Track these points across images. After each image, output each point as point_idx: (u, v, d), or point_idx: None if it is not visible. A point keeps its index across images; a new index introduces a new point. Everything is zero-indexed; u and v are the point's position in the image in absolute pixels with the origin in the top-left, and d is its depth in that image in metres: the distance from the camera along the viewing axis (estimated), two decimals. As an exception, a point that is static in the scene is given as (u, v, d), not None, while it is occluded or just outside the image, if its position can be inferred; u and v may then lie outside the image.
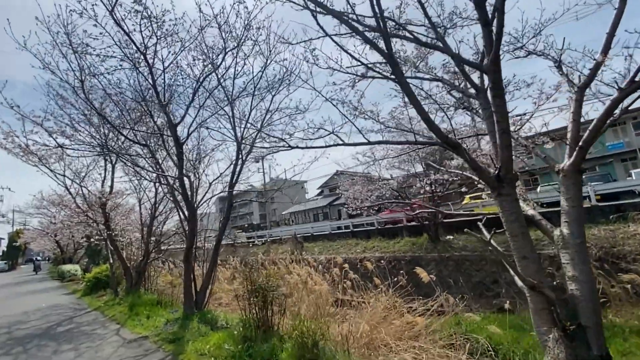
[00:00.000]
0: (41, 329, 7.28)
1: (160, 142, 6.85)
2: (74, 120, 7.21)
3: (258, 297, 4.99)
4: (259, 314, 5.06)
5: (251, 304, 5.11)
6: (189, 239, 6.52)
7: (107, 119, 5.90)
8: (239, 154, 7.64)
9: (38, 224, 27.47)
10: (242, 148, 7.67)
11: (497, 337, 6.40)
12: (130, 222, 12.08)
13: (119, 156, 6.47)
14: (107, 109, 6.80)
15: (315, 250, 22.22)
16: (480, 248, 14.97)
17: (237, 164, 7.60)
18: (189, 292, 6.63)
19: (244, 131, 7.52)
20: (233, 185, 7.49)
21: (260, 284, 4.95)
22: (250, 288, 5.07)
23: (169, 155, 6.92)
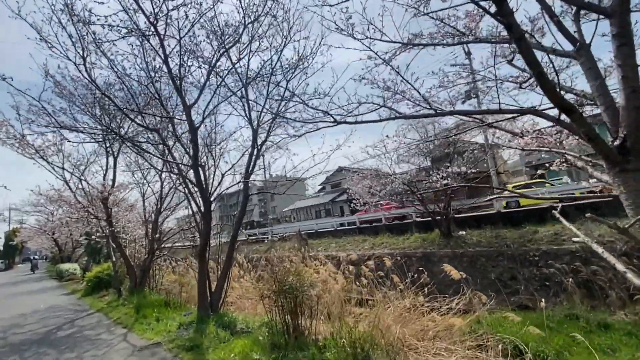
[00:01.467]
0: (39, 334, 6.64)
1: (170, 128, 6.19)
2: (75, 104, 6.53)
3: (288, 299, 4.38)
4: (288, 318, 4.46)
5: (280, 306, 4.50)
6: (203, 234, 5.88)
7: (112, 99, 5.24)
8: (255, 141, 7.01)
9: (35, 222, 26.77)
10: (258, 135, 7.03)
11: (525, 336, 5.94)
12: (133, 218, 11.42)
13: (124, 142, 5.81)
14: (112, 91, 6.12)
15: (321, 247, 21.64)
16: (496, 243, 14.46)
17: (253, 152, 6.96)
18: (203, 292, 6.01)
19: (261, 116, 6.88)
20: (249, 175, 6.86)
21: (291, 283, 4.34)
22: (279, 288, 4.45)
23: (178, 143, 6.27)
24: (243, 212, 6.74)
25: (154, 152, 6.37)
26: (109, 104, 5.37)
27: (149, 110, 5.99)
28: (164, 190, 9.65)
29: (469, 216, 17.72)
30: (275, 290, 4.55)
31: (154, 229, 9.85)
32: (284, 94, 6.49)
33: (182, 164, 5.86)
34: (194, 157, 5.46)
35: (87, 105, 6.13)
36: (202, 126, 6.10)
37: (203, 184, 5.79)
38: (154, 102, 6.40)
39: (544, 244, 12.99)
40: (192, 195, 6.32)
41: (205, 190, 5.74)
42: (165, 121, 6.23)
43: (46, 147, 9.36)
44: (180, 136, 6.29)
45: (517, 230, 14.51)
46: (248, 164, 6.97)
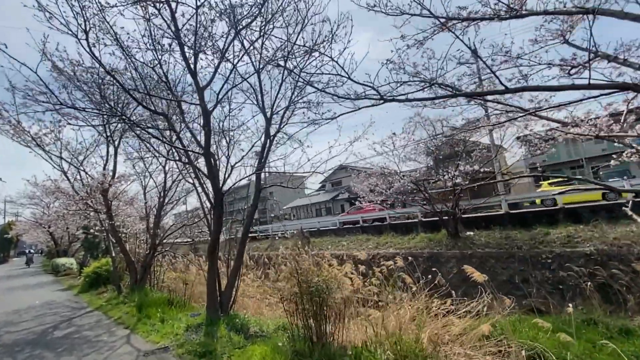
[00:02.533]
0: (35, 333, 6.16)
1: (178, 112, 5.70)
2: (75, 86, 6.01)
3: (313, 301, 3.93)
4: (311, 322, 4.01)
5: (303, 309, 4.05)
6: (214, 229, 5.42)
7: (117, 79, 4.74)
8: (268, 131, 6.53)
9: (31, 215, 26.15)
10: (271, 124, 6.56)
11: (542, 341, 5.57)
12: (133, 212, 10.92)
13: (130, 126, 5.30)
14: (116, 74, 5.60)
15: (324, 246, 21.22)
16: (506, 245, 14.11)
17: (266, 143, 6.48)
18: (213, 291, 5.55)
19: (275, 102, 6.40)
20: (262, 167, 6.39)
21: (317, 284, 3.88)
22: (304, 289, 4.00)
23: (187, 130, 5.78)
24: (255, 205, 6.27)
25: (162, 138, 5.83)
26: (113, 84, 4.87)
27: (159, 91, 5.48)
28: (167, 182, 9.16)
29: (477, 216, 17.36)
30: (298, 292, 4.10)
31: (156, 223, 9.37)
32: (298, 80, 6.00)
33: (193, 151, 5.37)
34: (207, 143, 4.98)
35: (88, 85, 5.61)
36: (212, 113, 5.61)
37: (215, 174, 5.32)
38: (161, 85, 5.92)
39: (557, 246, 12.63)
40: (203, 187, 5.85)
41: (217, 181, 5.27)
42: (173, 106, 5.75)
43: (43, 134, 8.84)
44: (188, 123, 5.82)
45: (527, 231, 14.17)
46: (261, 155, 6.50)
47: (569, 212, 14.50)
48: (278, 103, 6.54)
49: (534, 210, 16.28)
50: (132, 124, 4.89)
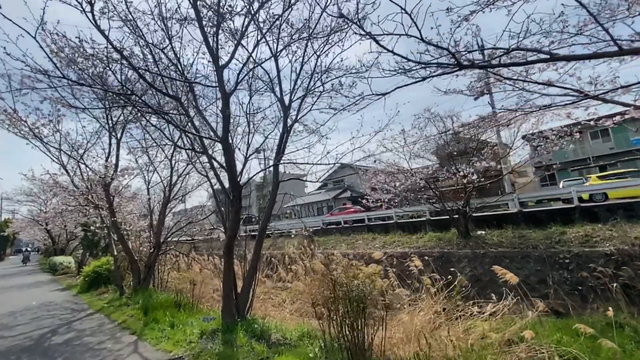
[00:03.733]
0: (31, 339, 5.62)
1: (190, 97, 5.15)
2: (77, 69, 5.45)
3: (352, 307, 3.43)
4: (348, 331, 3.51)
5: (340, 316, 3.54)
6: (231, 225, 4.89)
7: (126, 57, 4.20)
8: (286, 120, 6.02)
9: (27, 213, 25.53)
10: (290, 113, 6.05)
11: (567, 345, 5.13)
12: (135, 209, 10.38)
13: (137, 109, 4.73)
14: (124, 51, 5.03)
15: (328, 245, 20.73)
16: (520, 244, 13.67)
17: (284, 133, 5.97)
18: (229, 294, 5.03)
19: (295, 89, 5.88)
20: (280, 158, 5.87)
21: (357, 288, 3.38)
22: (340, 294, 3.49)
23: (199, 115, 5.22)
24: (273, 200, 5.76)
25: (176, 123, 5.23)
26: (119, 61, 4.33)
27: (170, 71, 4.94)
28: (173, 176, 8.62)
29: (488, 215, 16.91)
30: (332, 296, 3.59)
31: (161, 220, 8.84)
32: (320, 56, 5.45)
33: (211, 138, 4.85)
34: (225, 130, 4.46)
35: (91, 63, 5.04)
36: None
37: (233, 164, 4.79)
38: (171, 69, 5.38)
39: (575, 246, 12.18)
40: (219, 179, 5.32)
41: (235, 173, 4.75)
42: (185, 90, 5.21)
43: (41, 124, 8.29)
44: (202, 109, 5.28)
45: (541, 230, 13.74)
46: (279, 146, 5.98)
47: (585, 211, 14.06)
48: (297, 89, 6.03)
49: (548, 209, 15.83)
50: (142, 105, 4.32)
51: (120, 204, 9.45)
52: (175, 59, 5.18)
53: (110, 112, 8.56)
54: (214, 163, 5.18)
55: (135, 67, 4.28)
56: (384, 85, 22.62)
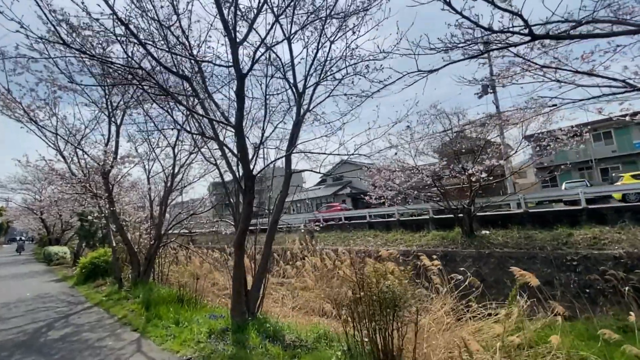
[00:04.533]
0: (26, 333, 5.27)
1: (199, 80, 4.74)
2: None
3: (383, 311, 3.11)
4: (377, 337, 3.20)
5: (368, 320, 3.23)
6: (243, 217, 4.53)
7: (132, 30, 3.79)
8: (299, 108, 5.65)
9: (22, 201, 24.98)
10: (303, 100, 5.68)
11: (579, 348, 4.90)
12: (135, 198, 9.99)
13: (142, 87, 4.28)
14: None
15: (329, 241, 20.48)
16: (526, 245, 13.51)
17: (298, 121, 5.61)
18: (239, 291, 4.69)
19: (308, 73, 5.50)
20: (292, 148, 5.52)
21: (389, 290, 3.06)
22: (368, 296, 3.17)
23: (208, 99, 4.82)
24: (286, 192, 5.41)
25: (187, 105, 4.79)
26: (126, 36, 3.91)
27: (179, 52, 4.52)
28: (176, 166, 8.23)
29: (493, 215, 16.74)
30: (360, 298, 3.28)
31: (163, 211, 8.46)
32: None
33: (224, 123, 4.45)
34: (239, 116, 4.08)
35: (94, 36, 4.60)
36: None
37: (246, 153, 4.43)
38: (178, 47, 4.97)
39: (583, 248, 12.01)
40: (231, 168, 4.95)
41: (248, 162, 4.39)
42: (193, 69, 4.80)
43: (37, 107, 7.85)
44: (211, 93, 4.89)
45: (548, 231, 13.59)
46: (291, 136, 5.62)
47: (592, 213, 13.91)
48: (311, 75, 5.65)
49: (555, 210, 15.66)
50: (150, 84, 3.92)
51: (119, 194, 9.05)
52: (183, 36, 4.79)
53: (110, 96, 8.14)
54: (226, 151, 4.81)
55: (142, 42, 3.87)
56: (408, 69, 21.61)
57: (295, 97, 5.74)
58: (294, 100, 5.84)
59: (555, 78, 4.92)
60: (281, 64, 5.82)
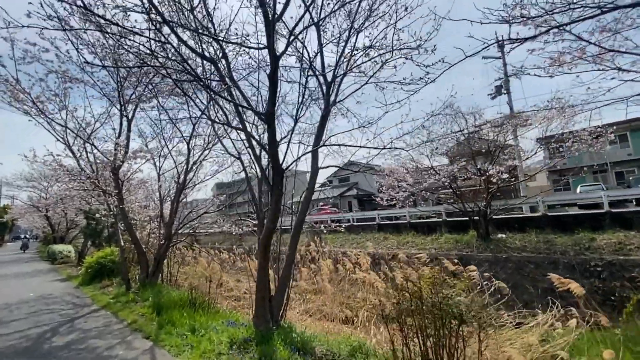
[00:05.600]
0: (29, 339, 4.86)
1: (224, 63, 4.30)
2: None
3: (443, 324, 2.65)
4: (432, 353, 2.74)
5: (424, 334, 2.77)
6: (270, 216, 4.08)
7: (155, 5, 3.39)
8: (328, 99, 5.22)
9: (27, 199, 24.78)
10: (332, 91, 5.25)
11: None
12: (145, 196, 9.60)
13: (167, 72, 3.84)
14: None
15: (337, 243, 20.01)
16: (546, 250, 12.99)
17: (326, 114, 5.18)
18: (263, 296, 4.25)
19: (339, 61, 5.07)
20: (320, 142, 5.08)
21: (451, 301, 2.60)
22: (427, 307, 2.71)
23: (233, 86, 4.38)
24: (312, 190, 4.98)
25: (215, 90, 4.32)
26: (148, 11, 3.50)
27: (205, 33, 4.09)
28: (190, 161, 7.83)
29: (509, 218, 16.23)
30: (414, 309, 2.82)
31: (174, 209, 8.05)
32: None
33: (254, 110, 4.01)
34: (271, 103, 3.63)
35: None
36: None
37: (277, 145, 3.99)
38: (200, 30, 4.56)
39: (607, 254, 11.49)
40: (259, 161, 4.50)
41: (277, 155, 3.96)
42: (218, 54, 4.38)
43: (46, 99, 7.49)
44: (236, 80, 4.47)
45: (568, 236, 13.07)
46: (319, 129, 5.19)
47: (615, 217, 13.36)
48: (341, 63, 5.21)
49: (576, 213, 15.11)
50: (175, 69, 3.50)
51: (129, 191, 8.66)
52: (207, 18, 4.39)
53: (122, 89, 7.77)
54: (253, 143, 4.36)
55: (167, 19, 3.47)
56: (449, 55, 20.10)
57: (323, 88, 5.32)
58: (321, 91, 5.43)
59: (616, 66, 4.47)
60: (307, 52, 5.40)
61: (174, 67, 3.72)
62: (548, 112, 13.25)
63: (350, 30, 5.06)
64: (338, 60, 5.01)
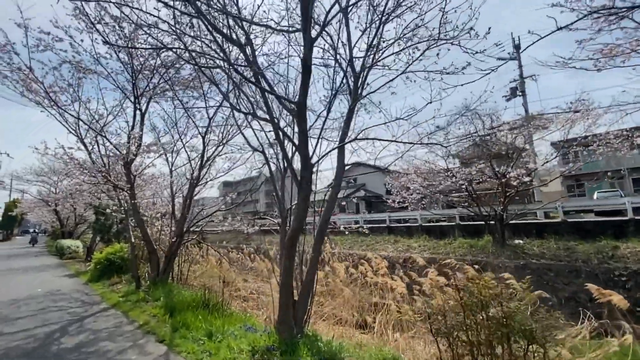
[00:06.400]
0: (36, 339, 4.59)
1: (249, 49, 3.98)
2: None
3: (508, 343, 2.28)
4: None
5: (478, 351, 2.40)
6: (299, 214, 3.75)
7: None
8: (356, 90, 4.87)
9: (37, 193, 24.86)
10: (360, 80, 4.90)
11: None
12: (157, 191, 9.35)
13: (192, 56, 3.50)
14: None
15: (346, 245, 19.63)
16: (567, 257, 12.49)
17: (354, 105, 4.83)
18: (287, 301, 3.91)
19: (369, 49, 4.72)
20: (345, 138, 4.74)
21: (512, 313, 2.23)
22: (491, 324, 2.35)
23: (259, 74, 4.02)
24: (338, 188, 4.64)
25: (243, 75, 3.93)
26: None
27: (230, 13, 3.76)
28: (205, 155, 7.54)
29: (527, 223, 15.74)
30: (470, 323, 2.45)
31: (187, 205, 7.78)
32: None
33: (286, 99, 3.66)
34: (303, 91, 3.29)
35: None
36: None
37: (307, 138, 3.65)
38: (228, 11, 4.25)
39: (633, 263, 10.97)
40: (286, 156, 4.18)
41: (307, 150, 3.61)
42: (241, 37, 4.04)
43: (60, 89, 7.28)
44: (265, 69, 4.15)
45: (589, 243, 12.57)
46: (345, 123, 4.84)
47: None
48: (372, 51, 4.86)
49: (597, 220, 14.57)
50: (208, 45, 3.18)
51: (141, 186, 8.42)
52: (233, 1, 4.08)
53: (136, 80, 7.52)
54: (285, 136, 4.02)
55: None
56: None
57: (350, 80, 4.98)
58: (346, 83, 5.08)
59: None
60: (340, 38, 5.06)
61: (200, 51, 3.41)
62: (572, 115, 12.75)
63: (383, 16, 4.70)
64: (368, 49, 4.65)
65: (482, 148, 14.59)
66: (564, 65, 4.68)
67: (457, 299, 2.64)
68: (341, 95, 5.15)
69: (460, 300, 2.59)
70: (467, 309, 2.57)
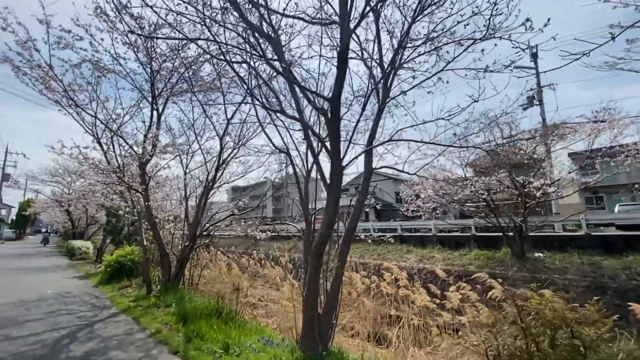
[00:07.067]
0: (44, 345, 4.36)
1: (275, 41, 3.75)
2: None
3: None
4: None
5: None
6: (326, 219, 3.47)
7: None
8: (385, 90, 4.61)
9: (51, 194, 25.12)
10: (389, 80, 4.64)
11: None
12: (171, 193, 9.19)
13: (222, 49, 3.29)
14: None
15: (356, 253, 19.18)
16: (592, 273, 11.89)
17: (382, 106, 4.57)
18: (312, 314, 3.61)
19: (400, 45, 4.45)
20: (372, 140, 4.47)
21: (591, 343, 1.89)
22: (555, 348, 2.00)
23: (286, 71, 3.78)
24: (365, 194, 4.35)
25: (275, 67, 3.66)
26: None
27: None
28: (221, 158, 7.35)
29: (547, 236, 15.12)
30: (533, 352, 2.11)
31: (202, 208, 7.57)
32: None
33: (321, 96, 3.42)
34: (338, 87, 3.04)
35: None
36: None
37: (339, 139, 3.38)
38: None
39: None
40: (316, 158, 3.93)
41: (340, 151, 3.35)
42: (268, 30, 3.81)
43: (78, 88, 7.22)
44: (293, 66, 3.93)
45: (615, 259, 11.95)
46: (373, 126, 4.56)
47: (673, 240, 12.15)
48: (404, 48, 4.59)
49: (623, 234, 13.92)
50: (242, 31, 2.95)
51: (155, 187, 8.26)
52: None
53: (154, 80, 7.43)
54: (315, 137, 3.75)
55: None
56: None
57: (377, 79, 4.72)
58: (373, 82, 4.83)
59: None
60: (358, 40, 4.83)
61: (227, 44, 3.20)
62: (598, 124, 12.28)
63: (416, 12, 4.45)
64: (401, 42, 4.36)
65: (501, 157, 14.15)
66: (612, 67, 4.33)
67: (515, 320, 2.31)
68: (361, 97, 4.90)
69: (520, 323, 2.26)
70: (529, 333, 2.23)
